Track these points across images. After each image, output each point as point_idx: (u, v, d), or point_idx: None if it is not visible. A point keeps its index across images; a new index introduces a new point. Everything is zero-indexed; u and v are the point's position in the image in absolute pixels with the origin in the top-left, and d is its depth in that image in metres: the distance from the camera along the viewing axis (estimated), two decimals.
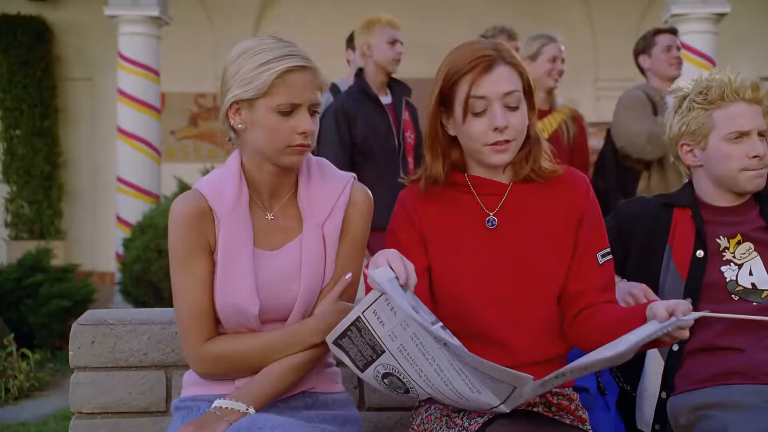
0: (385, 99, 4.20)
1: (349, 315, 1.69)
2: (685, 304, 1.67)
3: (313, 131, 1.80)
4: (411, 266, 1.66)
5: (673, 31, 4.59)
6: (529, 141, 1.87)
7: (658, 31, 4.52)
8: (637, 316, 1.72)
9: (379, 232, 1.96)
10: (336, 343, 1.72)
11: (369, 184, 3.92)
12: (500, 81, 1.78)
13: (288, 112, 1.78)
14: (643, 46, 4.53)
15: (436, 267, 1.87)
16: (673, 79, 4.42)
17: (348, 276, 1.83)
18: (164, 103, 8.21)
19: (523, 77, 1.82)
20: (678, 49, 4.47)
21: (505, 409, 1.64)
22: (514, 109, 1.80)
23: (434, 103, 1.84)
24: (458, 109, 1.81)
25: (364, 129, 4.05)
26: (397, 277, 1.62)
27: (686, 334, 1.67)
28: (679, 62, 4.43)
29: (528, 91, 1.84)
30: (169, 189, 7.18)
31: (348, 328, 1.70)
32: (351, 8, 8.24)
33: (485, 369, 1.56)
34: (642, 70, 4.54)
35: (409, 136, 4.22)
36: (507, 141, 1.80)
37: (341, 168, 4.14)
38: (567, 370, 1.58)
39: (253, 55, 1.78)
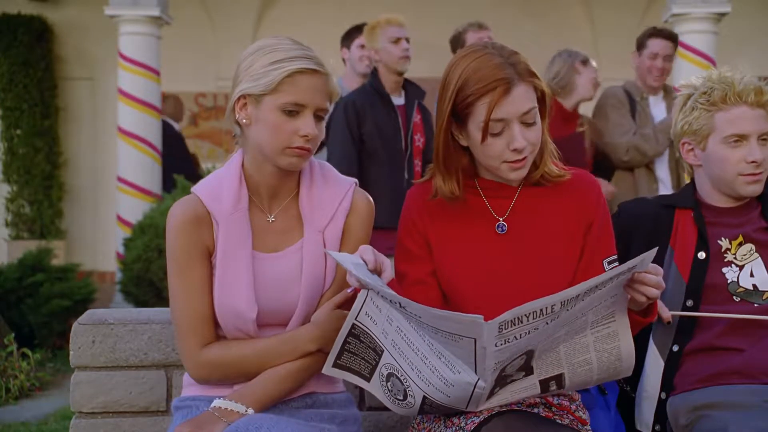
0: (398, 100, 4.20)
1: (341, 330, 1.70)
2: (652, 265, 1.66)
3: (316, 136, 1.80)
4: (385, 259, 1.69)
5: (670, 37, 4.43)
6: (540, 147, 1.84)
7: (652, 34, 4.41)
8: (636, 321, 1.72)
9: (379, 232, 1.95)
10: (336, 365, 1.73)
11: (371, 182, 3.94)
12: (518, 102, 1.75)
13: (292, 112, 1.78)
14: (639, 43, 4.50)
15: (445, 272, 1.86)
16: (653, 89, 4.36)
17: (350, 290, 1.79)
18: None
19: (537, 90, 1.79)
20: (666, 58, 4.35)
21: (483, 384, 1.61)
22: (531, 124, 1.78)
23: (446, 119, 1.80)
24: (475, 130, 1.78)
25: (372, 127, 4.05)
26: (366, 265, 1.67)
27: (651, 291, 1.64)
28: (661, 73, 4.33)
29: (541, 101, 1.81)
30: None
31: (346, 341, 1.71)
32: (350, 8, 8.26)
33: (441, 321, 1.55)
34: None
35: (418, 139, 4.21)
36: (524, 158, 1.79)
37: (348, 161, 4.14)
38: (523, 311, 1.52)
39: (267, 53, 1.79)
